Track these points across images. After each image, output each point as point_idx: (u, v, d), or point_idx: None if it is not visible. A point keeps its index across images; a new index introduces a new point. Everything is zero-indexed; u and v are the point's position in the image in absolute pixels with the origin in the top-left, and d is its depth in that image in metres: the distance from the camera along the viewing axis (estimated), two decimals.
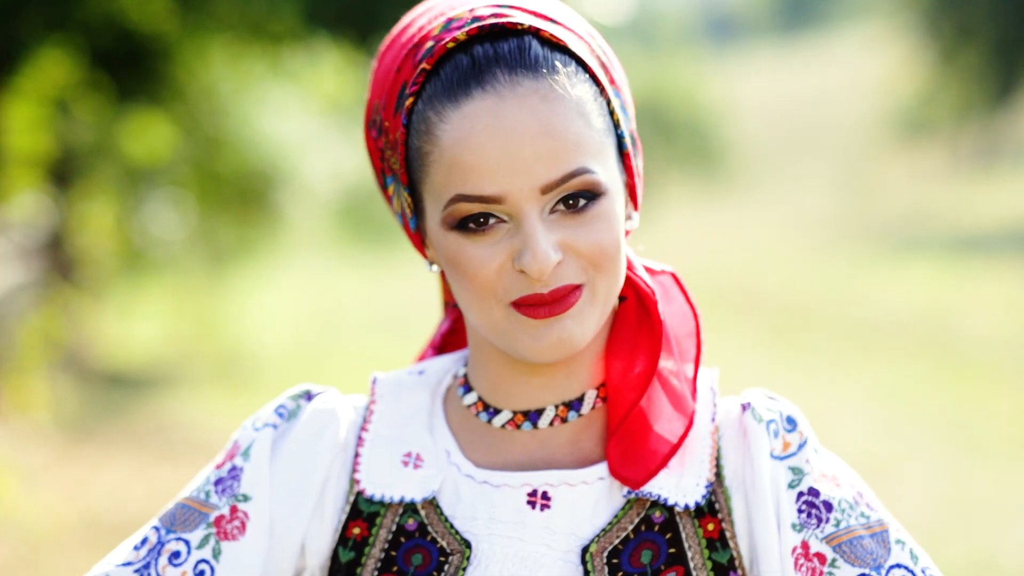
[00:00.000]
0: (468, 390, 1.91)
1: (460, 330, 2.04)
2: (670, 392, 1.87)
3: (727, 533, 1.84)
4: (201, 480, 1.93)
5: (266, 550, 1.89)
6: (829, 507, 1.83)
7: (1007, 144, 42.13)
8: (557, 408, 1.87)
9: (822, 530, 1.82)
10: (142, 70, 12.60)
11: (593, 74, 1.81)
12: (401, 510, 1.88)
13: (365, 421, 1.93)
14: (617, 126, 1.83)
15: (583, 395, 1.88)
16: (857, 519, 1.83)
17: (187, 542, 1.88)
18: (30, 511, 8.56)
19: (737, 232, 31.45)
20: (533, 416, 1.87)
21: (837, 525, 1.83)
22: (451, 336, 2.05)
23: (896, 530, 1.85)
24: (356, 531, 1.88)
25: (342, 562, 1.88)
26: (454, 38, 1.78)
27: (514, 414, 1.88)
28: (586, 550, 1.82)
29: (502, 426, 1.88)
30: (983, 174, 39.17)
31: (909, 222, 30.84)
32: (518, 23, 1.78)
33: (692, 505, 1.83)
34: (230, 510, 1.89)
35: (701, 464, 1.85)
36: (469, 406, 1.91)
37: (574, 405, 1.87)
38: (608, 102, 1.82)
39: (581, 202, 1.77)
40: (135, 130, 13.39)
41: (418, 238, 1.88)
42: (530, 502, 1.84)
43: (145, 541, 1.90)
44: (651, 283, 1.89)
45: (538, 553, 1.83)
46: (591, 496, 1.84)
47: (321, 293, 23.71)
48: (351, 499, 1.90)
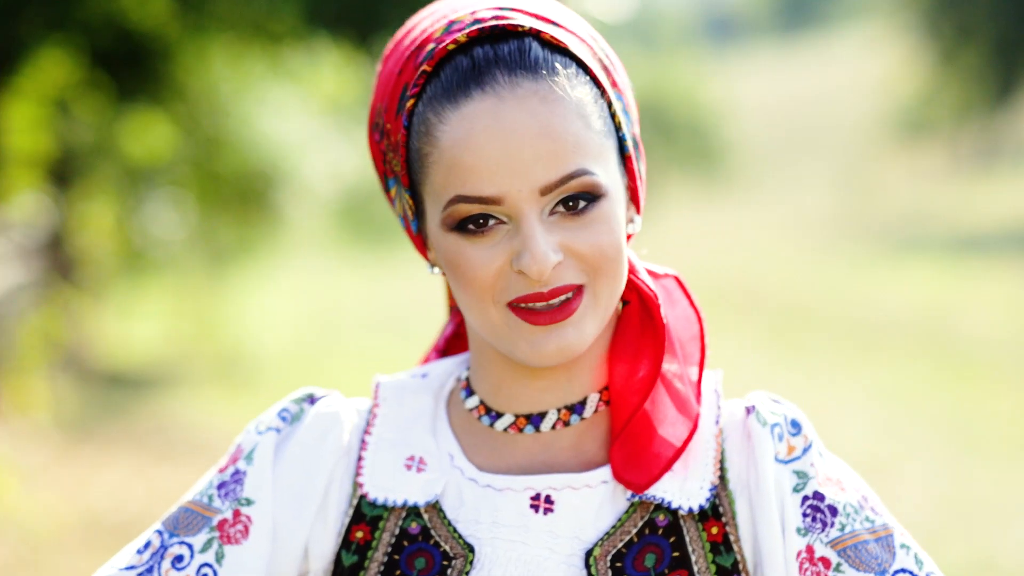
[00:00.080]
0: (470, 393, 1.91)
1: (464, 334, 2.03)
2: (674, 395, 1.87)
3: (731, 537, 1.83)
4: (204, 484, 1.92)
5: (269, 554, 1.88)
6: (834, 511, 1.83)
7: (1007, 144, 42.13)
8: (559, 411, 1.86)
9: (827, 534, 1.82)
10: (142, 70, 12.59)
11: (594, 76, 1.80)
12: (404, 514, 1.87)
13: (368, 424, 1.93)
14: (618, 129, 1.82)
15: (585, 398, 1.87)
16: (862, 523, 1.83)
17: (190, 546, 1.88)
18: (30, 511, 8.55)
19: (737, 232, 31.43)
20: (535, 419, 1.87)
21: (842, 529, 1.82)
22: (455, 340, 2.04)
23: (901, 534, 1.85)
24: (359, 535, 1.88)
25: (345, 566, 1.87)
26: (454, 40, 1.78)
27: (516, 417, 1.87)
28: (590, 554, 1.82)
29: (504, 429, 1.88)
30: (983, 174, 39.17)
31: (909, 222, 30.83)
32: (519, 25, 1.78)
33: (696, 508, 1.83)
34: (233, 514, 1.89)
35: (705, 467, 1.85)
36: (471, 409, 1.90)
37: (576, 408, 1.87)
38: (609, 104, 1.81)
39: (581, 204, 1.76)
40: (135, 130, 13.39)
41: (420, 240, 1.88)
42: (533, 506, 1.84)
43: (148, 545, 1.90)
44: (654, 286, 1.88)
45: (541, 557, 1.82)
46: (594, 499, 1.84)
47: (321, 293, 23.69)
48: (354, 503, 1.89)
